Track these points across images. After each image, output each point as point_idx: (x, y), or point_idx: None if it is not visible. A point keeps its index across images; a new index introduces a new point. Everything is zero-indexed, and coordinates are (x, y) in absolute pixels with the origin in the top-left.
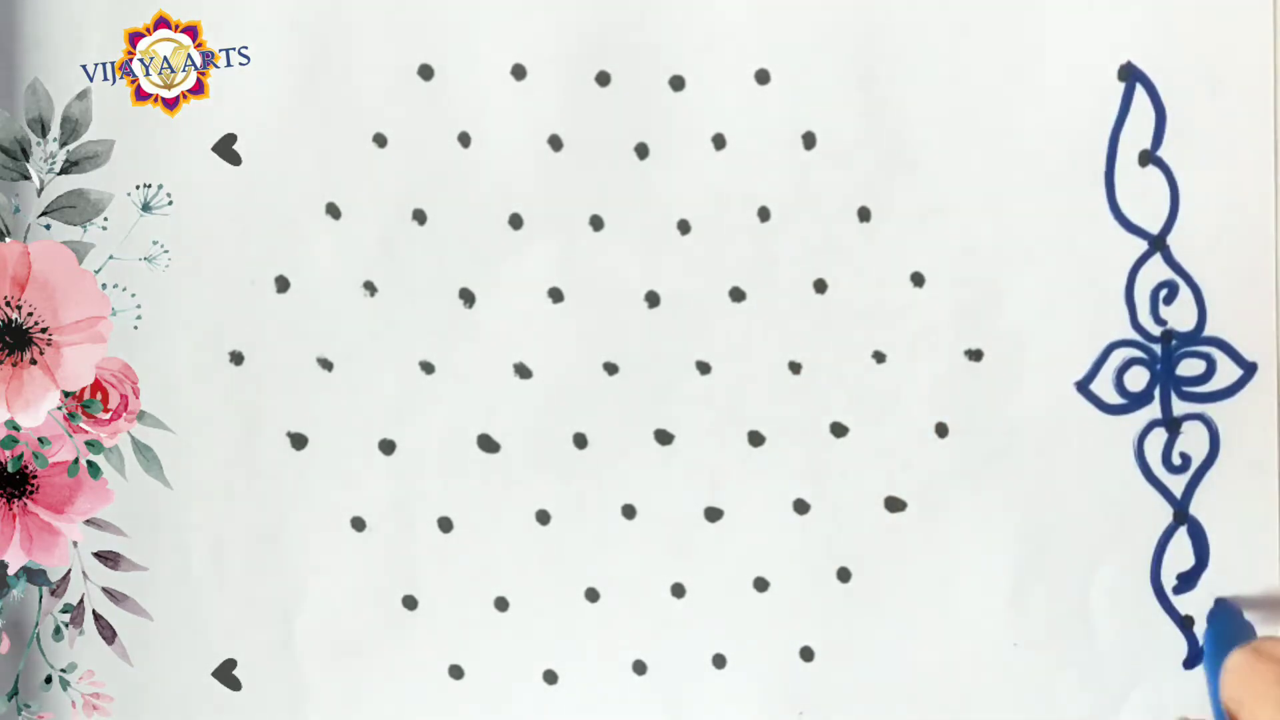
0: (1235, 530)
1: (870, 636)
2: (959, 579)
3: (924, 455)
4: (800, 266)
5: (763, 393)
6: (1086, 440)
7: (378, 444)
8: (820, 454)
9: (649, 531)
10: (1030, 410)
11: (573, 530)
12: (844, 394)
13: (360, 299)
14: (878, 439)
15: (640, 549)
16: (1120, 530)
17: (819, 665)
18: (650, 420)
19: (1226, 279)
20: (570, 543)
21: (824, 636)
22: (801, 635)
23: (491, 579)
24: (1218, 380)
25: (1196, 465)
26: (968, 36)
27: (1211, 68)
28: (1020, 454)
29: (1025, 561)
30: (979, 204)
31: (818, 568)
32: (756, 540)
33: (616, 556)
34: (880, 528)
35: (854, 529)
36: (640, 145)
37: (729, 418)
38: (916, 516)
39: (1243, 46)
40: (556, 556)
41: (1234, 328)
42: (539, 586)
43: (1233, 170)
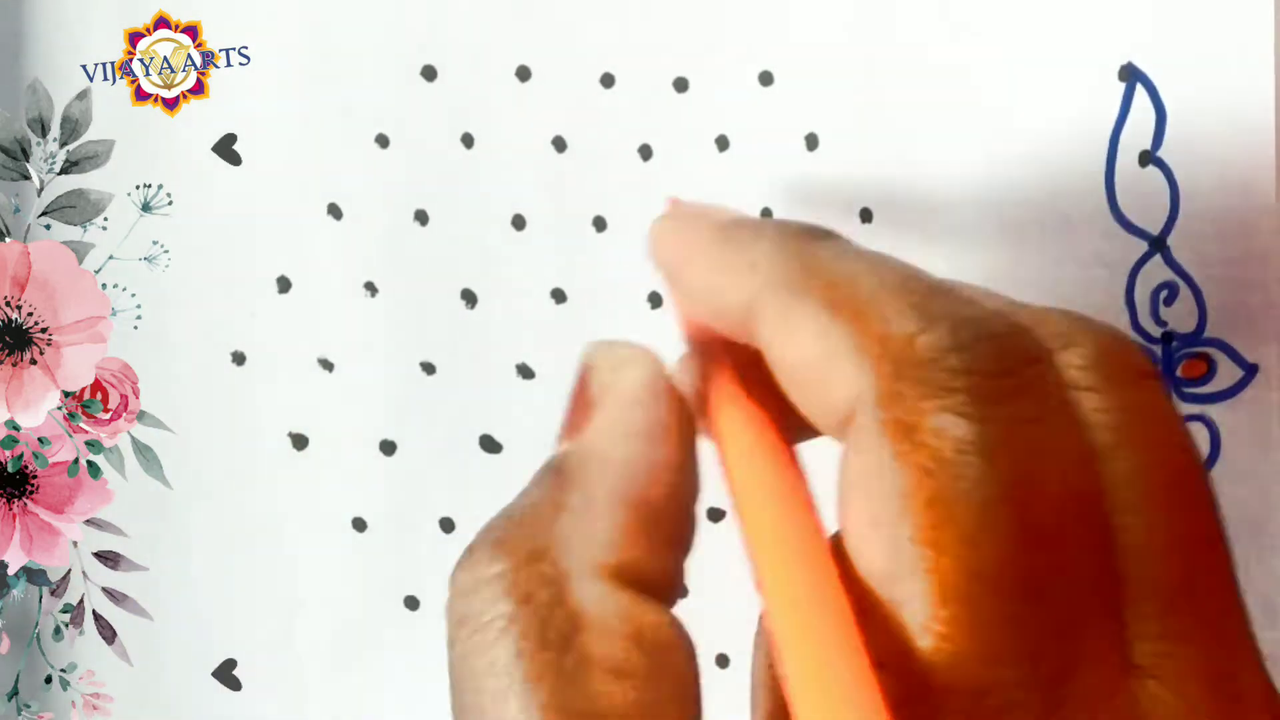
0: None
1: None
2: None
3: None
4: None
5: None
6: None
7: (379, 444)
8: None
9: None
10: None
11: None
12: None
13: (362, 299)
14: None
15: None
16: None
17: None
18: None
19: (1226, 280)
20: None
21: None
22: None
23: None
24: (1218, 381)
25: None
26: (968, 36)
27: (1211, 68)
28: None
29: None
30: (979, 204)
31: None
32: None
33: None
34: None
35: None
36: (644, 146)
37: None
38: None
39: (1243, 46)
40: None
41: (1234, 329)
42: None
43: (1233, 170)
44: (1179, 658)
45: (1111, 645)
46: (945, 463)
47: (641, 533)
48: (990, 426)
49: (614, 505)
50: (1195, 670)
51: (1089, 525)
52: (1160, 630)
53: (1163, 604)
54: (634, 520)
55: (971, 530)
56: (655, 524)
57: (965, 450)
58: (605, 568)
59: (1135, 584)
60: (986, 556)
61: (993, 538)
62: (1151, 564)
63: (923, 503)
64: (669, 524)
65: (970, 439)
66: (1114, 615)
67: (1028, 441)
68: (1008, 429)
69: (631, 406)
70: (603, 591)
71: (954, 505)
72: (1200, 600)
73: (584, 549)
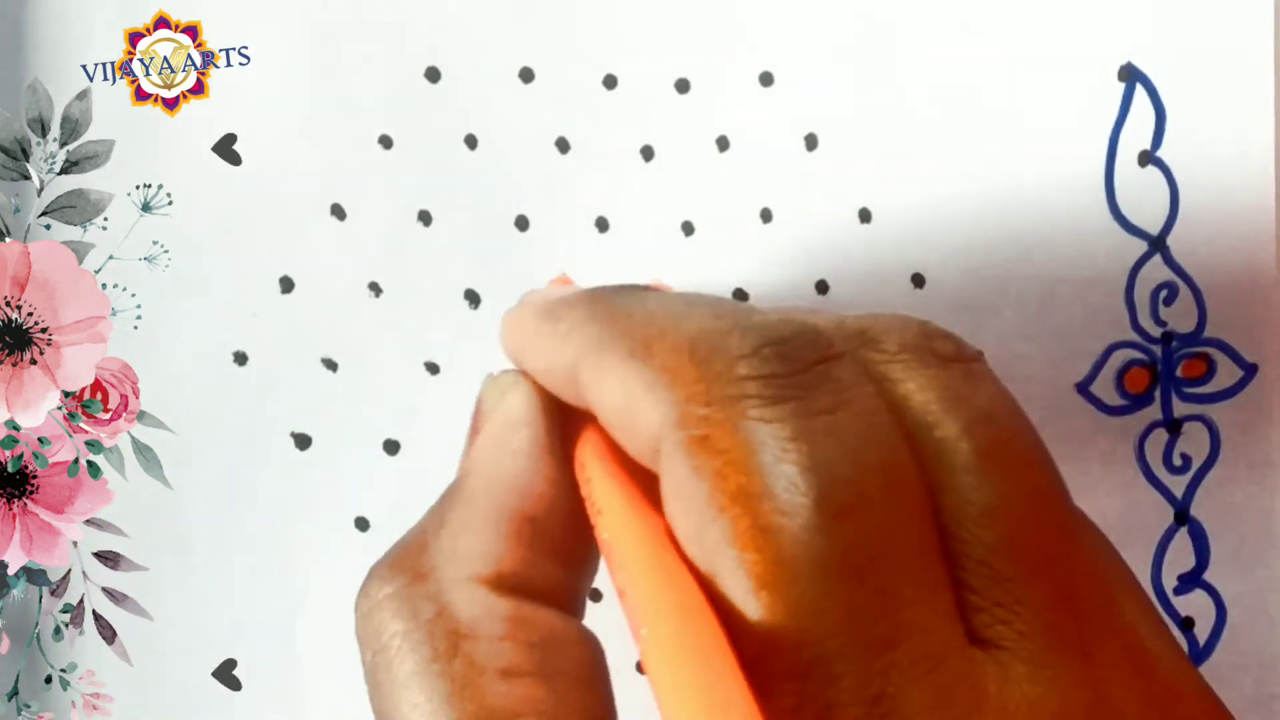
0: (1236, 531)
1: None
2: None
3: None
4: (802, 267)
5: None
6: (1087, 441)
7: (382, 444)
8: None
9: None
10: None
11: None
12: None
13: (365, 300)
14: None
15: None
16: (1120, 530)
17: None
18: None
19: (1226, 280)
20: None
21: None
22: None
23: None
24: (1218, 381)
25: (1197, 466)
26: (968, 37)
27: (1211, 68)
28: None
29: None
30: (979, 204)
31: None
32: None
33: None
34: None
35: None
36: (645, 147)
37: None
38: None
39: (1243, 46)
40: None
41: (1234, 329)
42: None
43: (1233, 170)
44: (1021, 625)
45: (942, 616)
46: (739, 464)
47: (522, 545)
48: (782, 424)
49: (492, 519)
50: (1043, 636)
51: (905, 498)
52: (997, 597)
53: (997, 569)
54: (514, 533)
55: (768, 520)
56: (538, 538)
57: (757, 449)
58: (486, 577)
59: (966, 553)
60: (785, 544)
61: (792, 524)
62: (981, 528)
63: (721, 505)
64: (553, 539)
65: (761, 438)
66: (944, 587)
67: (824, 430)
68: (800, 422)
69: (511, 426)
70: (482, 599)
71: (750, 501)
72: (1037, 562)
73: (464, 562)
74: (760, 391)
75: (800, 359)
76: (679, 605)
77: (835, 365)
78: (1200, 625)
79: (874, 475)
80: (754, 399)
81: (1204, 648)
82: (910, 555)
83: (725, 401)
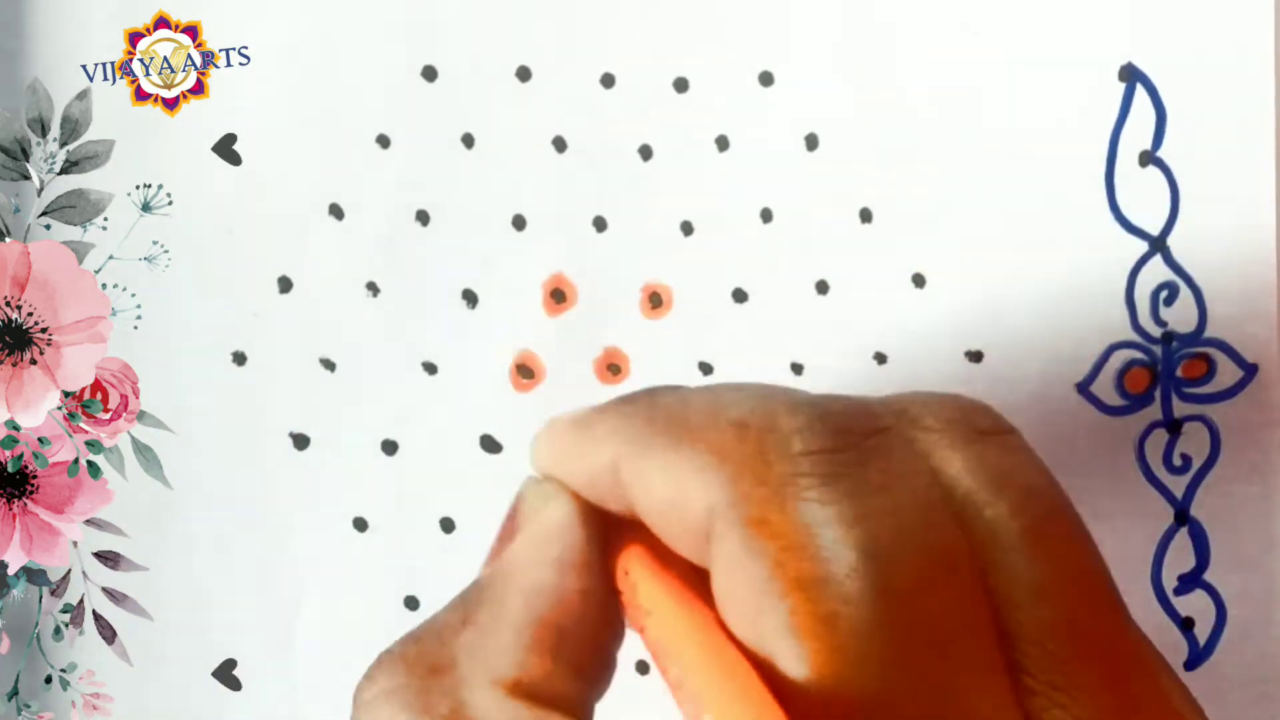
0: (1236, 531)
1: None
2: None
3: None
4: (802, 267)
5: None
6: (1087, 441)
7: (380, 444)
8: None
9: None
10: (1031, 411)
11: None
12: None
13: (363, 299)
14: None
15: None
16: (1120, 531)
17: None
18: None
19: (1227, 280)
20: None
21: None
22: None
23: None
24: (1218, 381)
25: (1197, 466)
26: (968, 37)
27: (1211, 68)
28: None
29: None
30: (979, 204)
31: None
32: None
33: None
34: None
35: None
36: (644, 147)
37: None
38: None
39: (1243, 46)
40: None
41: (1235, 329)
42: None
43: (1233, 170)
44: (1077, 709)
45: (1001, 701)
46: (798, 549)
47: (546, 655)
48: (838, 504)
49: (521, 625)
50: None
51: (959, 580)
52: (1053, 681)
53: (1049, 653)
54: (539, 642)
55: (829, 608)
56: (562, 649)
57: (815, 533)
58: (505, 682)
59: (1020, 634)
60: (845, 631)
61: (855, 612)
62: (1034, 609)
63: (781, 592)
64: (576, 651)
65: (820, 520)
66: (1000, 671)
67: (879, 510)
68: (857, 502)
69: (549, 536)
70: (500, 703)
71: (810, 588)
72: (1089, 643)
73: (486, 663)
74: (814, 469)
75: (853, 431)
76: (741, 692)
77: (886, 439)
78: (1200, 625)
79: (932, 557)
80: (808, 476)
81: (1204, 648)
82: (968, 639)
83: (780, 480)
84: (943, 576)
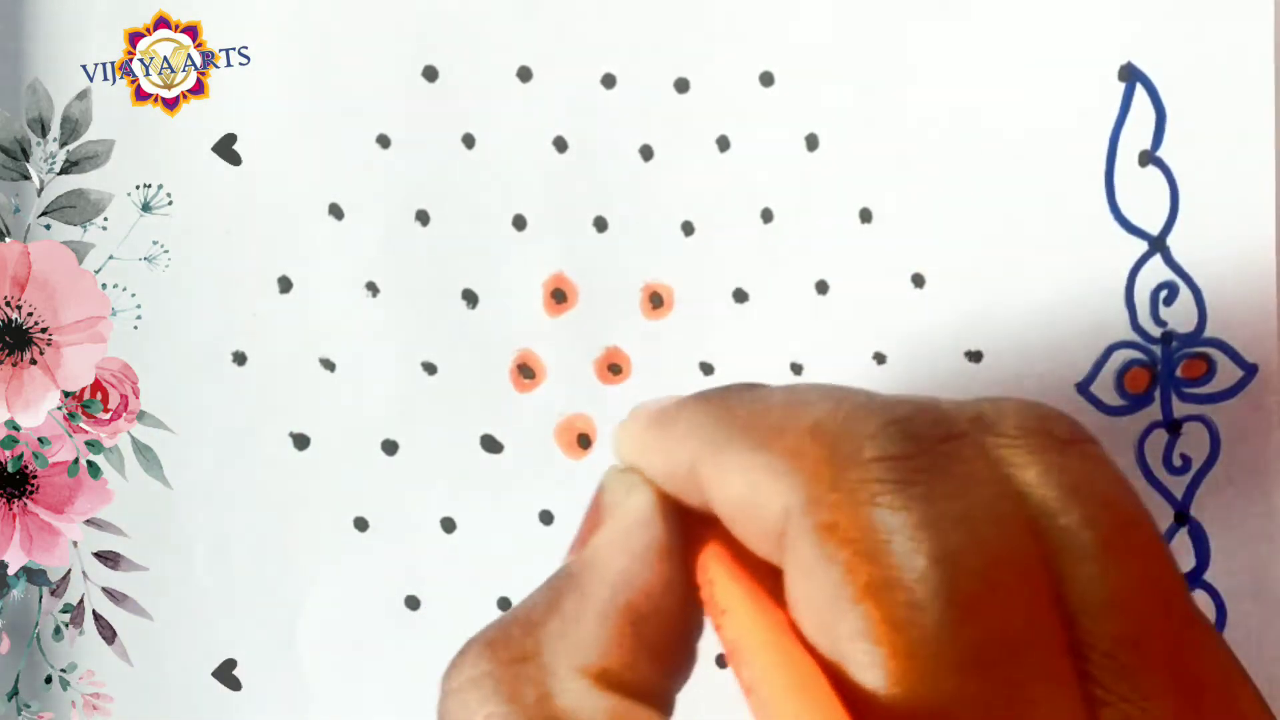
0: (1235, 531)
1: None
2: None
3: None
4: (802, 267)
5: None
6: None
7: (380, 444)
8: None
9: None
10: None
11: (575, 531)
12: None
13: (363, 299)
14: None
15: None
16: None
17: None
18: None
19: (1226, 280)
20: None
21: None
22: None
23: (494, 579)
24: (1218, 382)
25: (1197, 466)
26: (968, 37)
27: (1211, 68)
28: None
29: None
30: (979, 204)
31: None
32: None
33: None
34: None
35: None
36: (644, 147)
37: None
38: None
39: (1243, 46)
40: (560, 557)
41: (1234, 329)
42: None
43: (1233, 170)
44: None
45: (1071, 711)
46: (870, 554)
47: (631, 643)
48: (910, 511)
49: (606, 614)
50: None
51: (1032, 589)
52: (1123, 692)
53: (1121, 665)
54: (625, 631)
55: (900, 615)
56: (645, 638)
57: (887, 539)
58: (591, 670)
59: (1091, 645)
60: (917, 638)
61: (924, 619)
62: (1106, 620)
63: (853, 597)
64: (659, 640)
65: (891, 526)
66: (1071, 681)
67: (953, 518)
68: (928, 508)
69: (635, 526)
70: (586, 691)
71: (881, 593)
72: (1162, 656)
73: (573, 652)
74: (887, 475)
75: (926, 437)
76: (812, 702)
77: (960, 446)
78: None
79: (1003, 566)
80: (882, 483)
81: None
82: (1039, 648)
83: (852, 486)
84: (1014, 584)
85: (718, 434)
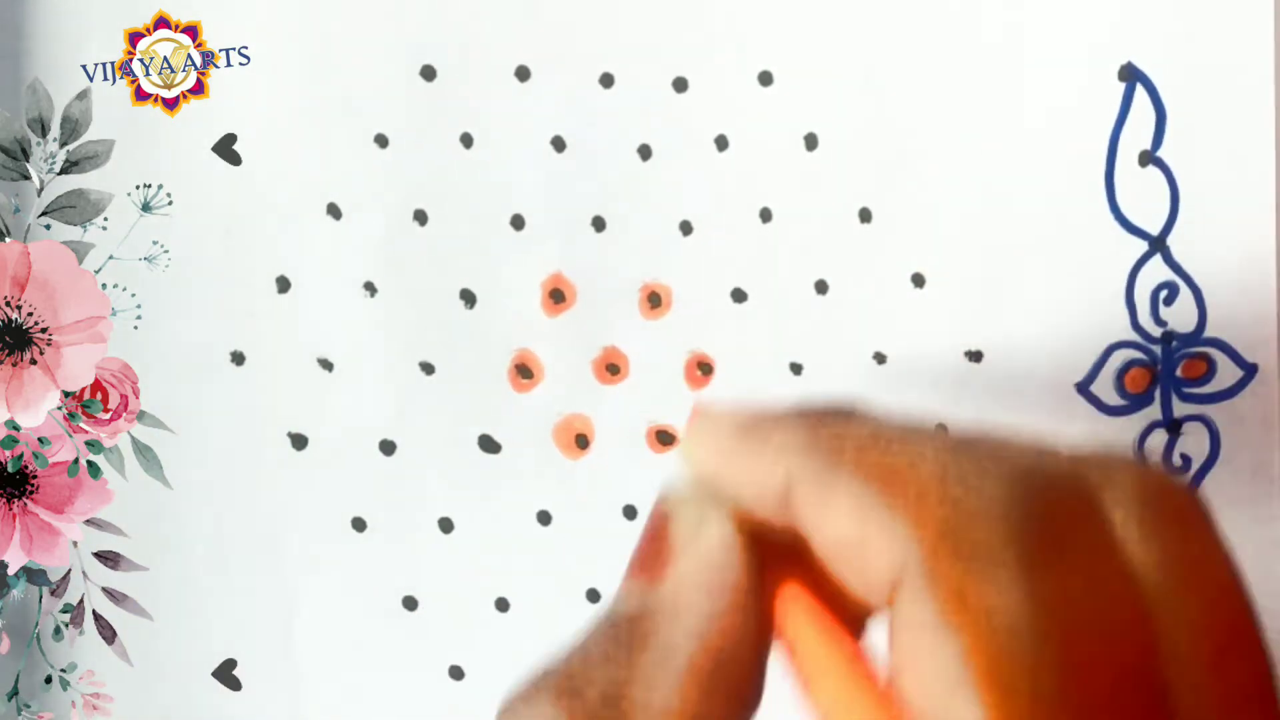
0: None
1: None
2: None
3: None
4: (801, 267)
5: (765, 394)
6: (1087, 442)
7: (378, 444)
8: None
9: None
10: (1030, 411)
11: (574, 531)
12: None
13: (361, 299)
14: None
15: None
16: None
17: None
18: (652, 421)
19: (1226, 280)
20: (572, 544)
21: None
22: None
23: (492, 580)
24: (1218, 382)
25: (1197, 466)
26: (968, 37)
27: (1211, 68)
28: None
29: None
30: (979, 204)
31: None
32: None
33: (618, 557)
34: None
35: None
36: (643, 146)
37: None
38: None
39: (1243, 46)
40: (558, 557)
41: (1234, 329)
42: (540, 587)
43: (1233, 170)
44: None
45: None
46: (997, 634)
47: (709, 687)
48: (1040, 600)
49: (688, 664)
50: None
51: (1144, 692)
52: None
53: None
54: (706, 679)
55: (1026, 707)
56: (726, 682)
57: (1019, 625)
58: (670, 716)
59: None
60: (1027, 707)
61: (1043, 711)
62: (1201, 713)
63: (978, 675)
64: (736, 679)
65: (1025, 612)
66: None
67: (1079, 612)
68: (1057, 600)
69: (714, 568)
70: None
71: (1009, 680)
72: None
73: (655, 703)
74: (1021, 556)
75: (1061, 521)
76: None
77: (1090, 530)
78: None
79: (1124, 668)
80: (1013, 564)
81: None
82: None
83: (984, 554)
84: (1128, 686)
85: (819, 460)
